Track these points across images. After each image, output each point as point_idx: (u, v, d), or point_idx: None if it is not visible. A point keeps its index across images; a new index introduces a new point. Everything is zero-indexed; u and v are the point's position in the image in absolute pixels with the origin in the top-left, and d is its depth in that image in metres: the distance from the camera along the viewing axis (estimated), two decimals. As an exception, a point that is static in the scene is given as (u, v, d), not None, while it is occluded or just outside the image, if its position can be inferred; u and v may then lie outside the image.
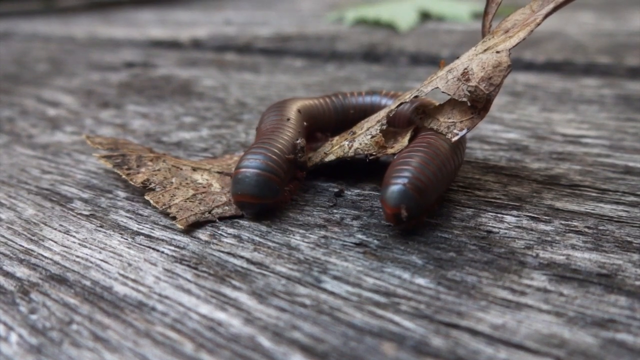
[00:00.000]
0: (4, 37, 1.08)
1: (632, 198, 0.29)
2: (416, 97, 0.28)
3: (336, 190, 0.31)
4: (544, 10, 0.26)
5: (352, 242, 0.26)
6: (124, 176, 0.32)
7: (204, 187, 0.31)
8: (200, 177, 0.32)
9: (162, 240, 0.27)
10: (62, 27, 1.16)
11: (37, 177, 0.36)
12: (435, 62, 0.64)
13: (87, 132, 0.45)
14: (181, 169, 0.33)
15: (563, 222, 0.27)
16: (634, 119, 0.41)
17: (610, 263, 0.23)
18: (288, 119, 0.32)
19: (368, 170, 0.33)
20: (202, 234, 0.27)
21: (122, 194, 0.32)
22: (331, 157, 0.31)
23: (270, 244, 0.26)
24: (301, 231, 0.27)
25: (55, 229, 0.29)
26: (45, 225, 0.29)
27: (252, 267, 0.24)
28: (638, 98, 0.46)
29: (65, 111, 0.52)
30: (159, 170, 0.32)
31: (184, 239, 0.27)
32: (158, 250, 0.26)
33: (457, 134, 0.27)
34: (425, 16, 0.93)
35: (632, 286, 0.22)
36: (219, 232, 0.27)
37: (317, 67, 0.66)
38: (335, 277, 0.23)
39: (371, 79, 0.58)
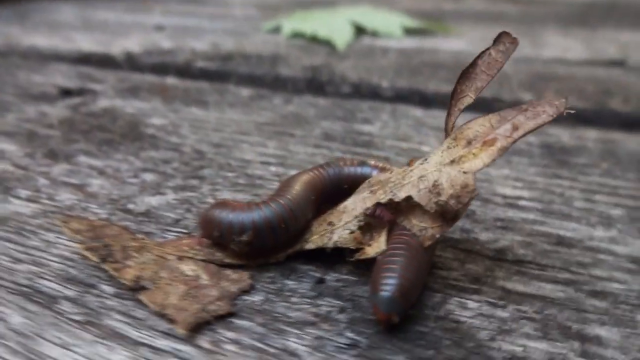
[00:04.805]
0: None
1: (566, 275, 0.34)
2: (390, 199, 0.32)
3: (317, 276, 0.34)
4: (506, 140, 0.30)
5: (344, 343, 0.29)
6: (111, 272, 0.32)
7: (194, 280, 0.33)
8: (187, 268, 0.34)
9: (167, 352, 0.29)
10: (-32, 26, 1.06)
11: (11, 269, 0.35)
12: (378, 95, 0.67)
13: (45, 197, 0.44)
14: (167, 259, 0.34)
15: (515, 306, 0.32)
16: (559, 176, 0.47)
17: (557, 352, 0.28)
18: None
19: (342, 251, 0.36)
20: (204, 341, 0.29)
21: (107, 288, 0.33)
22: (311, 246, 0.34)
23: (271, 350, 0.29)
24: (295, 331, 0.30)
25: (52, 342, 0.29)
26: (40, 337, 0.29)
27: (259, 379, 0.27)
28: (558, 147, 0.53)
29: (10, 165, 0.50)
30: (145, 263, 0.33)
31: (187, 349, 0.29)
32: (164, 363, 0.28)
33: (428, 240, 0.30)
34: (359, 30, 0.96)
35: (576, 378, 0.27)
36: (218, 336, 0.29)
37: (264, 99, 0.67)
38: (336, 386, 0.26)
39: (320, 119, 0.60)
